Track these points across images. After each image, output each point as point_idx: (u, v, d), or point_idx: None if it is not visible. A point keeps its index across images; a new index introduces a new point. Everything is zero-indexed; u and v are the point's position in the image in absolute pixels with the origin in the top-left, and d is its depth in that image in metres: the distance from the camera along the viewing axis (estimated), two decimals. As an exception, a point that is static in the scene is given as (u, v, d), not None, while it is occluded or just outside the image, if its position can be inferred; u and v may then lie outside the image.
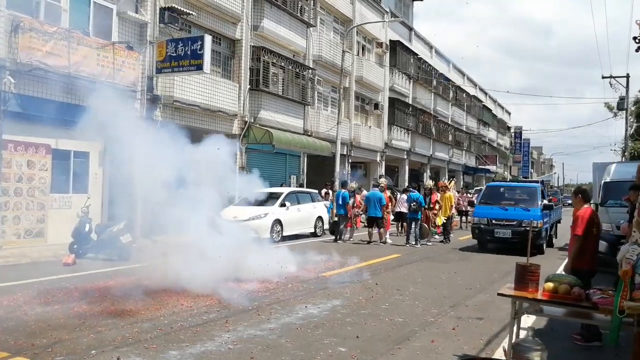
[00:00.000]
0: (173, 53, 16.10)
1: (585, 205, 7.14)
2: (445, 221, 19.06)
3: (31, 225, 13.65)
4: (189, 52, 15.87)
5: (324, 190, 23.16)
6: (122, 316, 7.32)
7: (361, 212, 19.71)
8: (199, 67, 15.89)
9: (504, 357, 5.30)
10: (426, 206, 18.18)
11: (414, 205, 17.35)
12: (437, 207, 18.67)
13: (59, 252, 12.66)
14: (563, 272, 6.84)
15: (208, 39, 16.04)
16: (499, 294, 5.62)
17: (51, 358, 5.58)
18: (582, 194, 7.28)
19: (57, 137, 14.17)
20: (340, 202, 18.44)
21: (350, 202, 18.86)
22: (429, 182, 20.56)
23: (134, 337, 6.37)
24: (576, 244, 6.89)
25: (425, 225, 18.05)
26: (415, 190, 19.11)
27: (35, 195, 13.74)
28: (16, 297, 8.27)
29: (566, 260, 7.55)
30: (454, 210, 20.96)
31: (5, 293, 8.54)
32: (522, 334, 5.50)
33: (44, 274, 10.34)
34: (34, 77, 13.28)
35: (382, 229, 17.76)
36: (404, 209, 18.97)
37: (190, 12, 17.76)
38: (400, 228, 20.94)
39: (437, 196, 18.88)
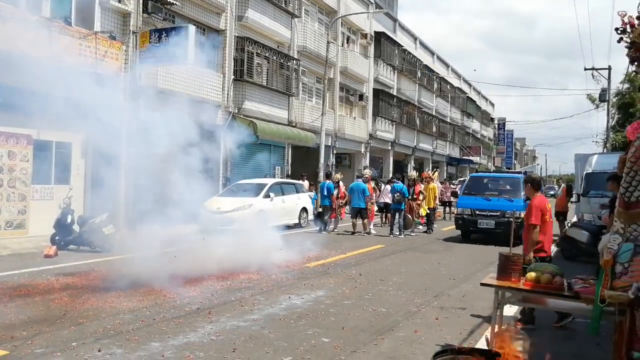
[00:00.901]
0: (157, 43, 15.93)
1: (537, 194, 7.26)
2: (429, 212, 19.18)
3: (12, 216, 13.48)
4: (172, 42, 15.71)
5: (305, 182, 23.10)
6: (103, 308, 7.28)
7: (343, 203, 19.73)
8: (183, 58, 15.74)
9: (486, 347, 5.33)
10: (410, 197, 18.24)
11: (397, 196, 17.40)
12: (420, 197, 18.76)
13: (40, 244, 12.54)
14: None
15: (192, 29, 15.89)
16: (482, 284, 5.66)
17: (31, 350, 5.53)
18: (531, 182, 7.43)
19: (39, 128, 13.98)
20: (325, 193, 18.46)
21: (335, 192, 18.92)
22: (412, 173, 20.63)
23: (115, 329, 6.33)
24: (532, 232, 7.00)
25: (409, 216, 18.13)
26: (400, 181, 19.14)
27: (16, 186, 13.56)
28: (-4, 289, 8.19)
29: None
30: (437, 201, 21.05)
31: (-15, 285, 8.45)
32: (505, 323, 5.56)
33: (25, 266, 10.25)
34: (14, 67, 13.06)
35: (365, 220, 17.80)
36: (388, 200, 19.01)
37: (174, 2, 17.59)
38: (384, 219, 21.00)
39: (420, 187, 19.00)
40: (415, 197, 18.59)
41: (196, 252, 12.75)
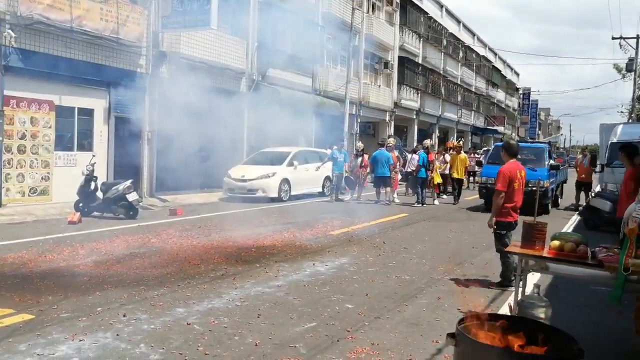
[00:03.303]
0: (179, 8, 15.68)
1: (511, 160, 7.40)
2: (458, 181, 18.98)
3: (36, 183, 13.53)
4: (195, 7, 15.46)
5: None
6: (127, 274, 7.23)
7: (366, 174, 19.48)
8: (206, 23, 15.49)
9: (509, 314, 5.21)
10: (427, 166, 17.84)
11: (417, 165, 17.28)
12: (435, 166, 18.55)
13: (64, 210, 12.59)
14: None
15: (215, -7, 15.60)
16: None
17: (56, 315, 5.49)
18: (506, 148, 7.56)
19: (61, 94, 13.93)
20: (341, 160, 18.26)
21: (358, 161, 18.64)
22: (426, 141, 20.07)
23: (140, 295, 6.28)
24: (497, 198, 7.24)
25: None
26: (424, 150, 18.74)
27: (40, 152, 13.57)
28: (21, 254, 8.19)
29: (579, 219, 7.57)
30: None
31: (11, 250, 8.47)
32: (528, 290, 5.45)
33: (49, 232, 10.28)
34: (35, 31, 12.99)
35: (389, 189, 17.57)
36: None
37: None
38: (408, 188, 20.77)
39: (432, 156, 18.90)
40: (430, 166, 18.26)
41: (220, 220, 12.75)
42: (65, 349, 4.62)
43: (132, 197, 12.45)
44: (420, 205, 16.97)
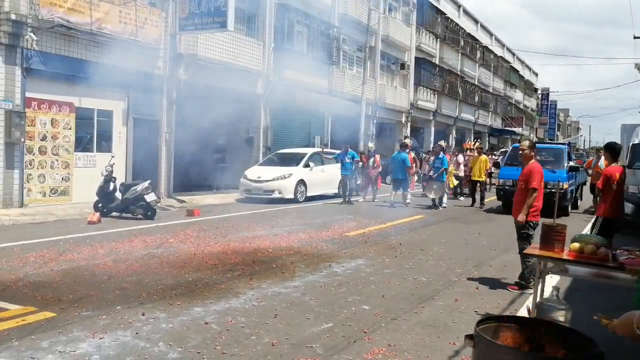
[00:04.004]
0: (196, 10, 15.81)
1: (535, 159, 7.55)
2: (479, 184, 18.35)
3: (56, 183, 13.71)
4: (212, 9, 15.57)
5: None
6: (146, 273, 7.31)
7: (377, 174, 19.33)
8: (223, 25, 15.59)
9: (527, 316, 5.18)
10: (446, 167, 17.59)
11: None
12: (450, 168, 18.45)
13: (84, 211, 12.75)
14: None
15: (232, -5, 15.70)
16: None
17: (77, 313, 5.57)
18: (530, 148, 7.54)
19: (81, 96, 14.11)
20: (348, 162, 17.76)
21: (370, 162, 18.61)
22: (441, 143, 19.74)
23: (158, 294, 6.34)
24: (530, 197, 7.29)
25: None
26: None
27: (60, 153, 13.75)
28: (43, 253, 8.32)
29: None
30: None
31: (32, 250, 8.60)
32: (546, 294, 5.41)
33: (70, 232, 10.42)
34: (56, 34, 13.16)
35: (404, 191, 17.30)
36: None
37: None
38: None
39: (447, 157, 18.54)
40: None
41: (237, 221, 12.82)
42: (85, 347, 4.69)
43: (150, 197, 12.57)
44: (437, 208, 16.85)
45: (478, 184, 18.34)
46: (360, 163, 18.85)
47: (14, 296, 6.07)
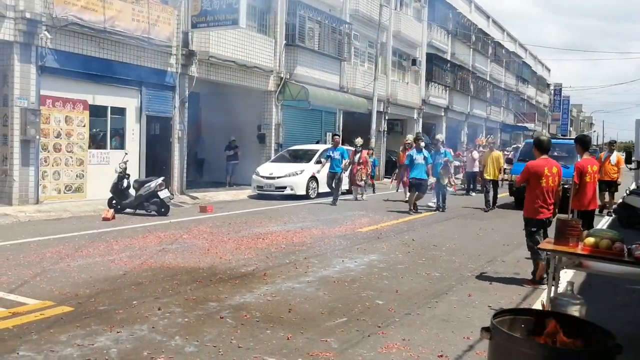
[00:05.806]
0: (208, 7, 15.86)
1: (542, 157, 7.33)
2: (493, 183, 16.76)
3: (71, 180, 13.82)
4: (224, 6, 15.61)
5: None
6: (161, 269, 7.38)
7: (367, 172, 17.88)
8: (235, 22, 15.63)
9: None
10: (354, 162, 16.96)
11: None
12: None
13: (98, 207, 12.84)
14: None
15: (244, -7, 15.72)
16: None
17: (94, 308, 5.64)
18: (536, 144, 7.42)
19: (94, 93, 14.21)
20: (338, 158, 16.72)
21: (356, 158, 17.18)
22: (439, 136, 18.31)
23: (173, 289, 6.40)
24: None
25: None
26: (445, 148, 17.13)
27: (74, 151, 13.86)
28: (59, 249, 8.42)
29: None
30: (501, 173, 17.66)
31: (49, 246, 8.70)
32: (560, 289, 5.40)
33: (85, 228, 10.52)
34: (69, 32, 13.26)
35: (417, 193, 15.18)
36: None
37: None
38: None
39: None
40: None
41: (250, 217, 12.87)
42: (103, 340, 4.75)
43: (163, 194, 12.64)
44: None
45: (490, 183, 16.65)
46: (348, 160, 17.08)
47: (32, 291, 6.15)
